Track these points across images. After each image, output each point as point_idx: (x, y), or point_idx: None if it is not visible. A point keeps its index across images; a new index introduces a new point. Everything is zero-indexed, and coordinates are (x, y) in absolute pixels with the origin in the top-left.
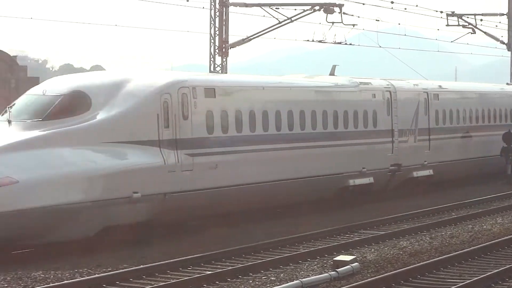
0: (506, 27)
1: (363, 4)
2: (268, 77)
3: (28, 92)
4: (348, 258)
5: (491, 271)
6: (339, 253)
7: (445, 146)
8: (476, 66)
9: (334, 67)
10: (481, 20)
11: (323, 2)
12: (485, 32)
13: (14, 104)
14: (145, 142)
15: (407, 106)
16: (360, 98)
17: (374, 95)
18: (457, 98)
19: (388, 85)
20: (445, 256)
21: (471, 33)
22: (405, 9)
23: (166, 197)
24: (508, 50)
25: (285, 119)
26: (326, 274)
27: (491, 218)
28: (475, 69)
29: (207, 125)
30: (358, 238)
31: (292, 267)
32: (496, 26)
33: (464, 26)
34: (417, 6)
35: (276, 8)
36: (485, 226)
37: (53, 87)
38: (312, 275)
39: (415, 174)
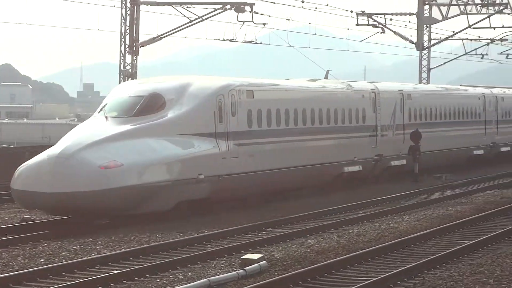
0: (415, 26)
1: (274, 3)
2: (290, 81)
3: (117, 90)
4: (256, 256)
5: (397, 269)
6: (247, 252)
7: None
8: (385, 66)
9: (327, 72)
10: (391, 19)
11: (234, 1)
12: (394, 32)
13: (106, 104)
14: (205, 134)
15: (387, 105)
16: (353, 98)
17: (363, 96)
18: (426, 98)
19: (373, 87)
20: (352, 254)
21: (381, 33)
22: (316, 8)
23: (220, 178)
24: (417, 50)
25: (301, 116)
26: (233, 273)
27: (398, 216)
28: (384, 69)
29: (248, 120)
30: (266, 237)
31: (200, 265)
32: (406, 25)
33: (374, 26)
34: (327, 5)
35: (187, 7)
36: (392, 224)
37: (136, 89)
38: (220, 273)
39: (392, 163)
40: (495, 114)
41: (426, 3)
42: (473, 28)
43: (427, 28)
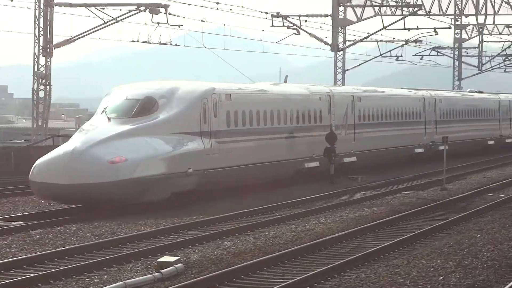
0: (330, 28)
1: (189, 4)
2: (259, 85)
3: (114, 94)
4: (172, 259)
5: (314, 271)
6: (163, 254)
7: (365, 138)
8: (300, 67)
9: (286, 76)
10: (306, 21)
11: (148, 2)
12: (309, 33)
13: (107, 106)
14: (192, 133)
15: (340, 107)
16: (312, 101)
17: (320, 98)
18: (374, 100)
19: (328, 90)
20: (268, 256)
21: (296, 34)
22: (231, 10)
23: (205, 172)
24: (332, 51)
25: (270, 117)
26: (149, 275)
27: (314, 218)
28: (299, 70)
29: (227, 121)
30: (182, 239)
31: (116, 268)
32: (321, 27)
33: (288, 27)
34: (242, 7)
35: (101, 8)
36: (308, 226)
37: (132, 93)
38: (135, 276)
39: (345, 160)
40: (434, 115)
41: (341, 4)
42: (387, 29)
43: (342, 30)
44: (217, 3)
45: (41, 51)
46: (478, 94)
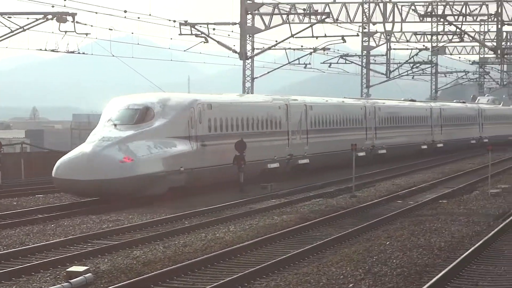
0: (239, 36)
1: (96, 13)
2: (233, 96)
3: (116, 104)
4: (81, 269)
5: (224, 279)
6: (72, 264)
7: (316, 142)
8: (208, 75)
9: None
10: (214, 29)
11: (55, 11)
12: (218, 41)
13: (112, 115)
14: (183, 137)
15: (295, 115)
16: (273, 109)
17: (279, 107)
18: (323, 108)
19: (285, 100)
20: (178, 265)
21: (204, 42)
22: (138, 18)
23: (193, 170)
24: (240, 59)
25: (241, 123)
26: (58, 286)
27: (223, 226)
28: (208, 78)
29: (208, 127)
30: (91, 248)
31: (25, 279)
32: (229, 35)
33: (197, 35)
34: (150, 15)
35: (8, 17)
36: (218, 234)
37: (132, 103)
38: (45, 286)
39: (299, 161)
40: (374, 122)
41: (249, 12)
42: (295, 37)
43: (250, 38)
44: (125, 11)
45: None
46: (412, 102)
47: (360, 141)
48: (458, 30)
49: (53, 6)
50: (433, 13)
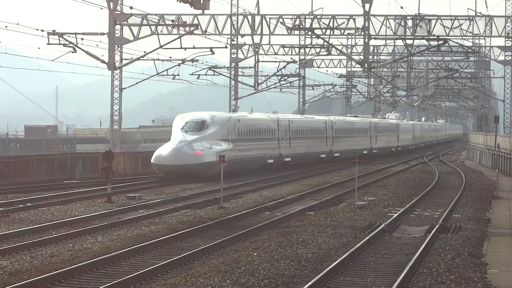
0: (107, 46)
1: None
2: (247, 114)
3: (183, 119)
4: None
5: None
6: None
7: (295, 146)
8: (77, 85)
9: (252, 108)
10: (82, 39)
11: None
12: (86, 51)
13: (183, 125)
14: (225, 140)
15: (282, 127)
16: (270, 122)
17: (273, 121)
18: (300, 123)
19: (276, 117)
20: (45, 275)
21: (72, 52)
22: (6, 27)
23: (231, 161)
24: (109, 70)
25: (256, 132)
26: None
27: (91, 237)
28: (76, 88)
29: (238, 133)
30: None
31: None
32: (97, 45)
33: (65, 45)
34: (18, 24)
35: None
36: (85, 245)
37: (194, 118)
38: None
39: (285, 159)
40: (332, 133)
41: (118, 23)
42: (164, 48)
43: (119, 48)
44: None
45: None
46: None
47: (322, 147)
48: (325, 43)
49: None
50: (301, 26)
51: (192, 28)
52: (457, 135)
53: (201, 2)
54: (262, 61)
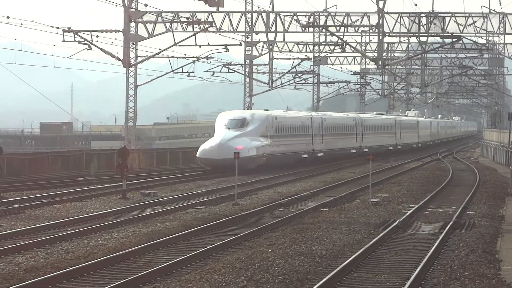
0: (122, 43)
1: None
2: (284, 112)
3: (225, 116)
4: None
5: (106, 286)
6: None
7: (328, 141)
8: (92, 82)
9: (287, 107)
10: (97, 36)
11: None
12: (101, 49)
13: (225, 122)
14: (264, 136)
15: (317, 124)
16: (305, 120)
17: (307, 119)
18: (333, 120)
19: (310, 115)
20: (60, 272)
21: (87, 49)
22: (21, 24)
23: (268, 155)
24: (124, 67)
25: (294, 129)
26: None
27: (106, 233)
28: (91, 85)
29: (276, 129)
30: None
31: None
32: (112, 42)
33: (80, 42)
34: (33, 21)
35: None
36: (100, 241)
37: (236, 116)
38: None
39: (318, 154)
40: (362, 130)
41: (132, 20)
42: (179, 45)
43: (134, 45)
44: (8, 17)
45: None
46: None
47: (352, 142)
48: (340, 40)
49: None
50: (315, 24)
51: (206, 26)
52: (472, 132)
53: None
54: (276, 58)
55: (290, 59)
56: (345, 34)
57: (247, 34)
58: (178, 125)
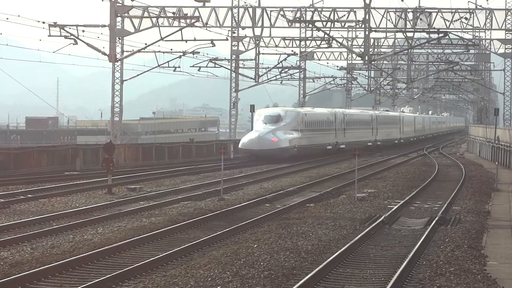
0: (108, 38)
1: None
2: (311, 109)
3: (262, 113)
4: None
5: (91, 281)
6: None
7: (349, 135)
8: (78, 77)
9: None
10: (83, 31)
11: None
12: (87, 43)
13: (262, 117)
14: (295, 130)
15: (338, 119)
16: (329, 116)
17: (331, 115)
18: (352, 116)
19: (333, 111)
20: (46, 267)
21: (73, 44)
22: (7, 19)
23: (299, 147)
24: (110, 62)
25: (319, 123)
26: None
27: (92, 228)
28: (77, 80)
29: (305, 124)
30: None
31: None
32: (98, 37)
33: (66, 37)
34: (19, 16)
35: None
36: (86, 236)
37: (271, 112)
38: None
39: (340, 146)
40: (376, 125)
41: (119, 15)
42: (165, 40)
43: (120, 40)
44: None
45: None
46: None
47: (367, 136)
48: (326, 35)
49: None
50: (302, 19)
51: (193, 21)
52: (460, 127)
53: None
54: (262, 54)
55: (276, 54)
56: (331, 29)
57: (233, 29)
58: (164, 120)
